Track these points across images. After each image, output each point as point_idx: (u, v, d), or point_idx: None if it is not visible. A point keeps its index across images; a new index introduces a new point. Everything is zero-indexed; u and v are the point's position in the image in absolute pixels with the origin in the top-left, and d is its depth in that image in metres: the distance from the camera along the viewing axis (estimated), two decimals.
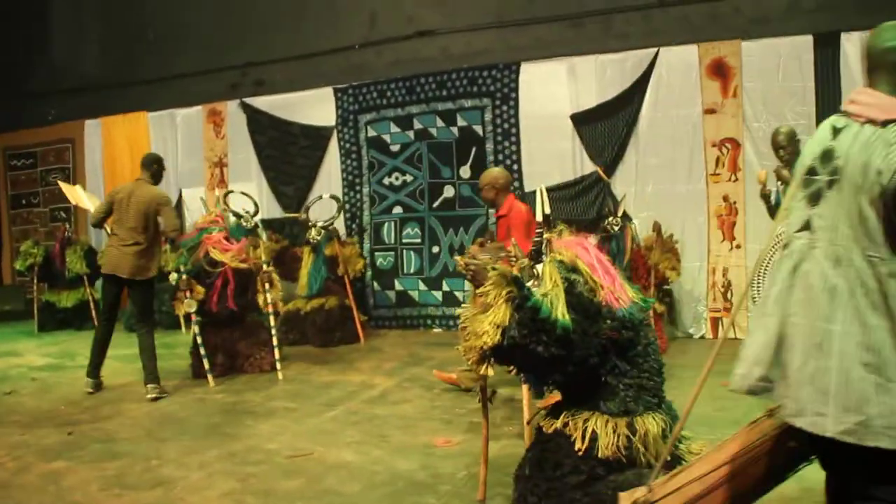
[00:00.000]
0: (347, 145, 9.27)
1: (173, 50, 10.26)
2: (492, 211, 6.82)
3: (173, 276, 8.97)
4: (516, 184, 8.38)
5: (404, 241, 8.99)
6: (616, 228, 7.10)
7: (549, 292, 3.14)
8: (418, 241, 8.95)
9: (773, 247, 7.29)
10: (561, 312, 3.08)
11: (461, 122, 8.66)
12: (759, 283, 7.43)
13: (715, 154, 7.64)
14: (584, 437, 3.19)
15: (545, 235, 3.45)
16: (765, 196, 5.27)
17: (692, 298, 7.78)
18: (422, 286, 8.95)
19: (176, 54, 10.18)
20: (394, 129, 9.01)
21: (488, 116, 8.50)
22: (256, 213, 8.54)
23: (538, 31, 8.32)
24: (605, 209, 7.64)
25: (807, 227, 2.27)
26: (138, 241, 6.21)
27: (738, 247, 7.57)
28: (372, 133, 9.12)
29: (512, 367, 3.30)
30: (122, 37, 10.83)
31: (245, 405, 5.81)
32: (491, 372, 3.50)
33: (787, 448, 2.50)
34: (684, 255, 7.57)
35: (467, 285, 5.17)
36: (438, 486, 3.93)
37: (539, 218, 3.51)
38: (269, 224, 9.15)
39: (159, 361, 6.32)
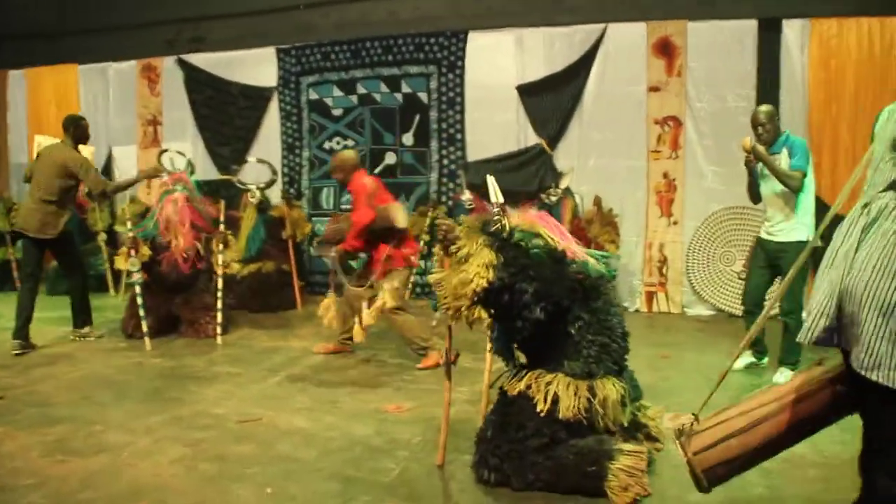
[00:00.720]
0: (288, 107, 9.08)
1: (107, 1, 9.78)
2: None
3: (101, 236, 8.77)
4: (459, 153, 8.40)
5: (343, 206, 8.87)
6: (553, 199, 7.20)
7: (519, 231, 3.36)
8: None
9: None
10: (534, 245, 3.32)
11: (406, 89, 8.58)
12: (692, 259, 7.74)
13: (657, 131, 7.80)
14: (546, 399, 3.32)
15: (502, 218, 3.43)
16: (749, 165, 5.19)
17: (628, 272, 7.96)
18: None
19: (110, 5, 9.71)
20: (337, 92, 8.85)
21: (434, 84, 8.44)
22: (192, 172, 8.35)
23: (489, 1, 8.28)
24: (548, 181, 7.72)
25: (892, 186, 2.31)
26: (45, 199, 6.28)
27: (675, 223, 7.78)
28: (314, 96, 8.94)
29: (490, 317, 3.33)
30: None
31: (186, 370, 5.69)
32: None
33: (835, 392, 2.56)
34: (622, 230, 7.76)
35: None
36: (395, 452, 3.93)
37: (494, 200, 3.57)
38: (204, 185, 8.86)
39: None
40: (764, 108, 5.24)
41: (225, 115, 9.28)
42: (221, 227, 6.79)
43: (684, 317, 7.72)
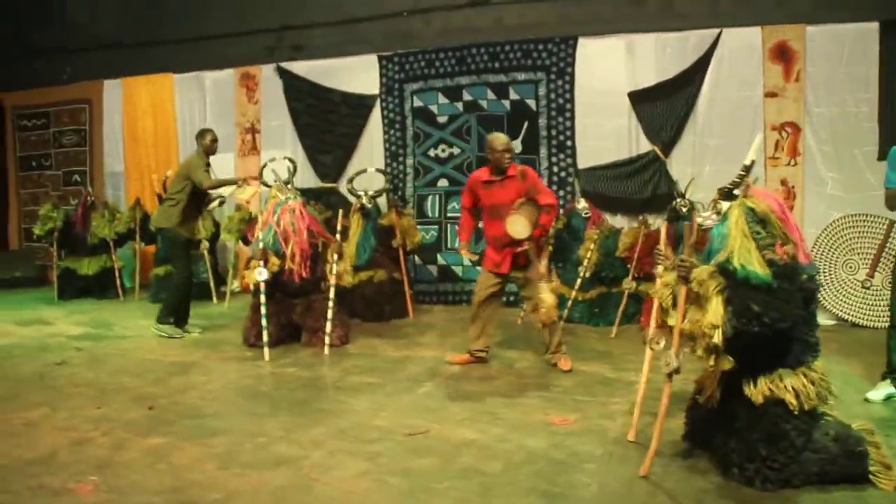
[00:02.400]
0: (391, 115, 9.05)
1: (201, 9, 9.89)
2: None
3: (204, 245, 8.81)
4: (569, 160, 8.32)
5: (449, 214, 8.82)
6: (685, 210, 7.05)
7: (736, 248, 3.34)
8: None
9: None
10: (759, 263, 3.29)
11: (514, 96, 8.50)
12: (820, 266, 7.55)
13: (775, 138, 7.64)
14: (797, 397, 3.45)
15: (746, 180, 3.55)
16: None
17: None
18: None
19: (204, 14, 9.82)
20: (442, 99, 8.81)
21: (542, 91, 8.36)
22: (288, 181, 8.36)
23: (596, 6, 8.21)
24: (672, 190, 7.59)
25: None
26: (172, 198, 7.22)
27: None
28: (418, 103, 8.91)
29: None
30: None
31: (324, 380, 5.64)
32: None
33: None
34: None
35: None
36: (583, 465, 3.82)
37: (747, 162, 3.57)
38: (304, 193, 8.86)
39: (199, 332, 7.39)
40: None
41: (326, 123, 9.27)
42: (338, 237, 6.76)
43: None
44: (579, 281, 7.27)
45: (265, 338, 6.27)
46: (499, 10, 8.57)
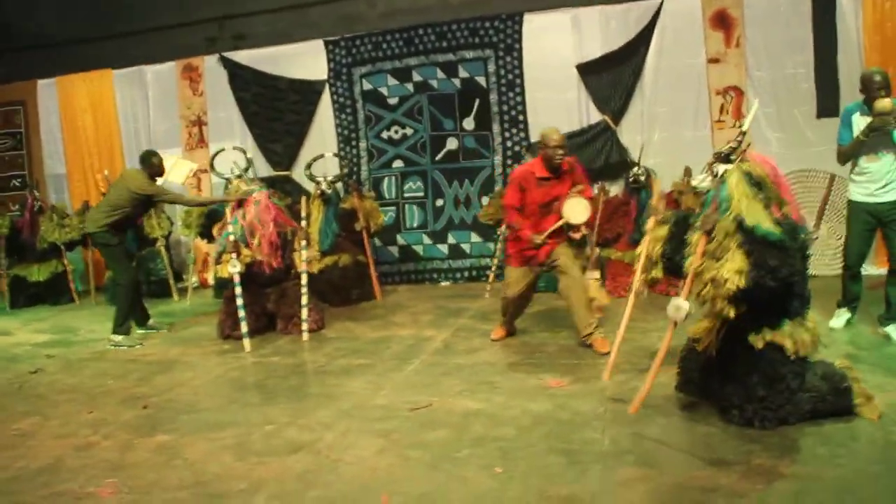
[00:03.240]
0: (341, 99, 9.03)
1: (138, 3, 9.61)
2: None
3: (161, 242, 8.67)
4: (522, 135, 8.47)
5: (406, 195, 8.91)
6: (643, 178, 7.30)
7: (744, 209, 3.54)
8: (421, 194, 8.90)
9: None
10: (770, 222, 3.52)
11: (463, 74, 8.61)
12: None
13: (719, 102, 7.96)
14: (794, 344, 3.69)
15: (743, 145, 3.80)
16: (888, 127, 5.02)
17: None
18: (426, 240, 8.93)
19: (141, 7, 9.55)
20: (391, 81, 8.84)
21: (491, 67, 8.49)
22: (247, 168, 8.30)
23: None
24: (624, 158, 7.83)
25: None
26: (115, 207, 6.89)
27: None
28: (368, 86, 8.92)
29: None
30: None
31: (311, 366, 5.68)
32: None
33: None
34: None
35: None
36: (590, 423, 4.00)
37: (744, 128, 3.83)
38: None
39: (166, 329, 7.33)
40: (878, 69, 5.28)
41: (274, 112, 9.19)
42: (304, 223, 6.77)
43: None
44: None
45: (244, 328, 6.26)
46: None
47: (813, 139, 7.65)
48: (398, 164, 8.96)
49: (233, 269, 6.26)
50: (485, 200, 8.61)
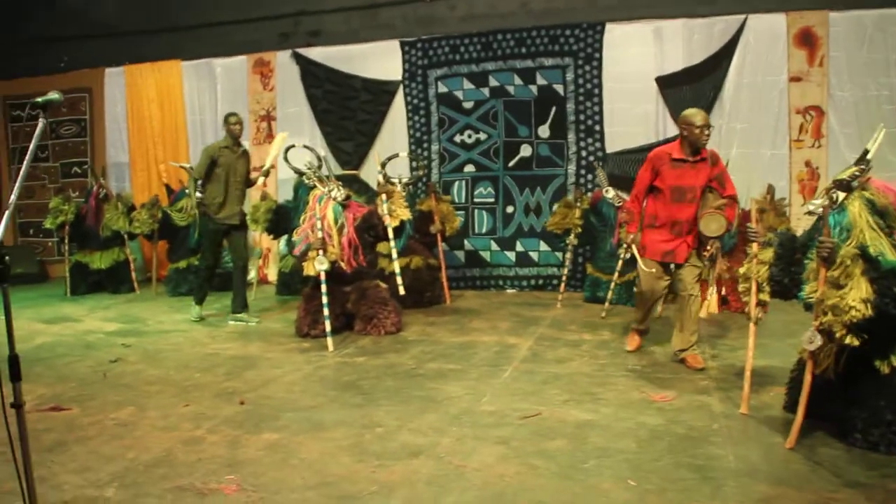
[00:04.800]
0: (415, 101, 9.02)
1: None
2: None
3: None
4: (597, 144, 8.42)
5: (476, 200, 8.88)
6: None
7: (867, 238, 3.55)
8: (491, 200, 8.86)
9: None
10: (892, 253, 3.51)
11: (541, 81, 8.57)
12: None
13: (799, 121, 7.90)
14: None
15: (866, 173, 3.72)
16: None
17: None
18: (494, 246, 8.89)
19: (213, 1, 9.53)
20: (467, 85, 8.82)
21: (570, 76, 8.45)
22: (320, 167, 8.26)
23: None
24: None
25: None
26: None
27: None
28: (443, 89, 8.90)
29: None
30: None
31: (402, 367, 5.61)
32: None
33: None
34: None
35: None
36: (709, 438, 3.94)
37: (870, 155, 3.75)
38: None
39: (221, 321, 7.51)
40: None
41: (346, 110, 9.18)
42: (387, 217, 6.74)
43: None
44: (620, 262, 7.37)
45: (328, 327, 6.22)
46: None
47: (894, 162, 7.57)
48: (469, 168, 8.92)
49: (320, 265, 6.23)
50: (556, 209, 8.55)
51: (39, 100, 2.77)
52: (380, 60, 9.07)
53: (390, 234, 6.52)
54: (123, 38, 9.98)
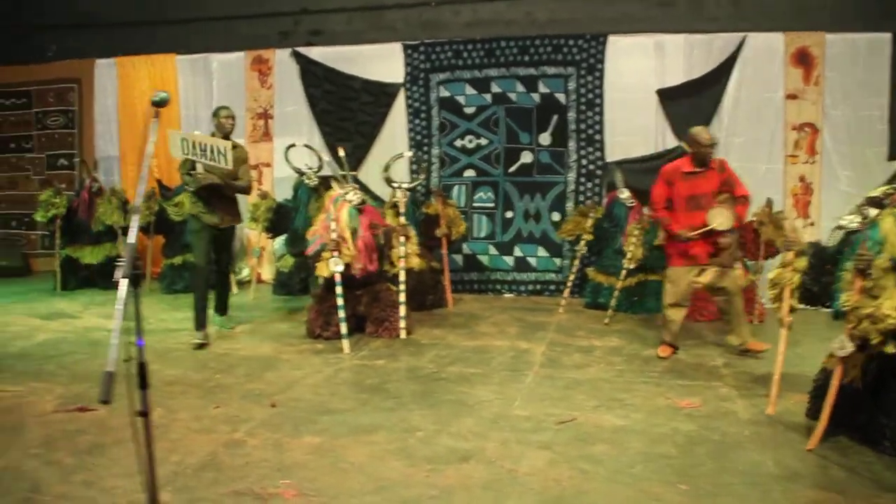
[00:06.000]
0: (416, 104, 9.03)
1: None
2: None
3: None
4: (598, 154, 8.56)
5: (475, 204, 8.93)
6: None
7: None
8: (491, 205, 8.92)
9: None
10: None
11: (543, 89, 8.66)
12: None
13: (794, 137, 8.15)
14: None
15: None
16: None
17: (766, 270, 8.28)
18: (492, 251, 8.95)
19: None
20: (469, 90, 8.87)
21: (572, 85, 8.56)
22: (321, 168, 8.25)
23: (626, 6, 8.49)
24: None
25: None
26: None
27: (811, 224, 8.15)
28: (445, 93, 8.93)
29: None
30: None
31: (422, 371, 5.65)
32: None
33: None
34: None
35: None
36: (744, 445, 4.10)
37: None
38: (325, 182, 8.71)
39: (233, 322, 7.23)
40: None
41: (346, 111, 9.14)
42: (402, 219, 6.78)
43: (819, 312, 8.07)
44: (623, 272, 7.49)
45: (343, 329, 6.23)
46: (530, 5, 8.70)
47: (882, 181, 7.85)
48: (470, 173, 8.97)
49: (335, 267, 6.23)
50: (555, 216, 8.70)
51: (155, 99, 2.98)
52: (381, 62, 9.05)
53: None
54: (116, 29, 9.77)
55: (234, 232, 7.03)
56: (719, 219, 5.67)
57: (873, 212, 4.17)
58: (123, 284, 2.53)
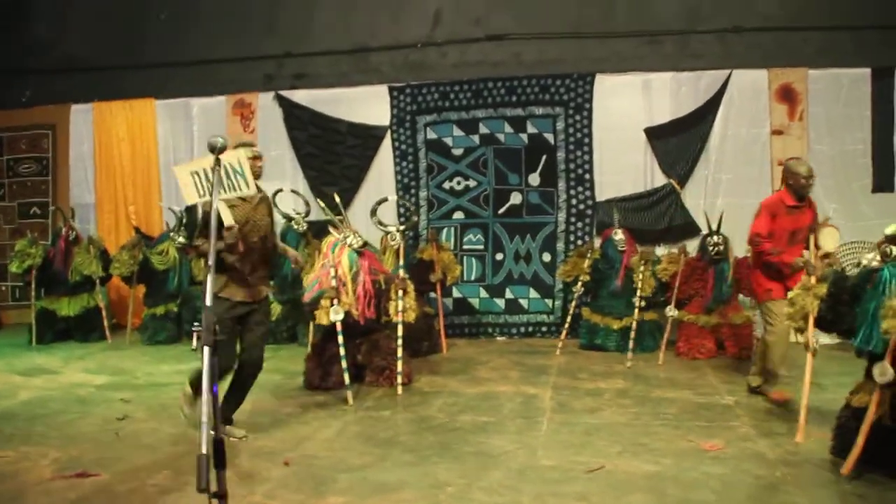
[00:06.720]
0: (403, 146, 8.95)
1: (188, 32, 9.38)
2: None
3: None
4: (587, 193, 8.55)
5: (465, 247, 8.83)
6: (722, 248, 7.44)
7: None
8: (481, 247, 8.84)
9: None
10: None
11: (531, 130, 8.66)
12: None
13: (781, 172, 8.22)
14: None
15: None
16: None
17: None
18: (483, 293, 8.85)
19: (190, 37, 9.31)
20: (457, 132, 8.83)
21: (560, 125, 8.58)
22: (307, 213, 8.09)
23: (615, 45, 8.56)
24: (690, 221, 8.16)
25: None
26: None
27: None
28: (432, 135, 8.87)
29: None
30: (124, 13, 9.70)
31: (433, 421, 5.47)
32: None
33: None
34: None
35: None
36: (778, 487, 4.05)
37: None
38: (311, 226, 8.54)
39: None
40: None
41: (331, 154, 9.03)
42: (401, 272, 6.66)
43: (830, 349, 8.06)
44: (636, 310, 7.44)
45: (347, 380, 6.03)
46: (517, 45, 8.73)
47: (868, 213, 8.02)
48: (458, 215, 8.89)
49: (335, 316, 6.06)
50: (546, 256, 8.66)
51: (217, 145, 3.07)
52: (367, 105, 8.97)
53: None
54: (93, 74, 9.54)
55: (269, 308, 5.72)
56: (829, 239, 5.57)
57: (895, 248, 4.28)
58: (206, 353, 2.30)
